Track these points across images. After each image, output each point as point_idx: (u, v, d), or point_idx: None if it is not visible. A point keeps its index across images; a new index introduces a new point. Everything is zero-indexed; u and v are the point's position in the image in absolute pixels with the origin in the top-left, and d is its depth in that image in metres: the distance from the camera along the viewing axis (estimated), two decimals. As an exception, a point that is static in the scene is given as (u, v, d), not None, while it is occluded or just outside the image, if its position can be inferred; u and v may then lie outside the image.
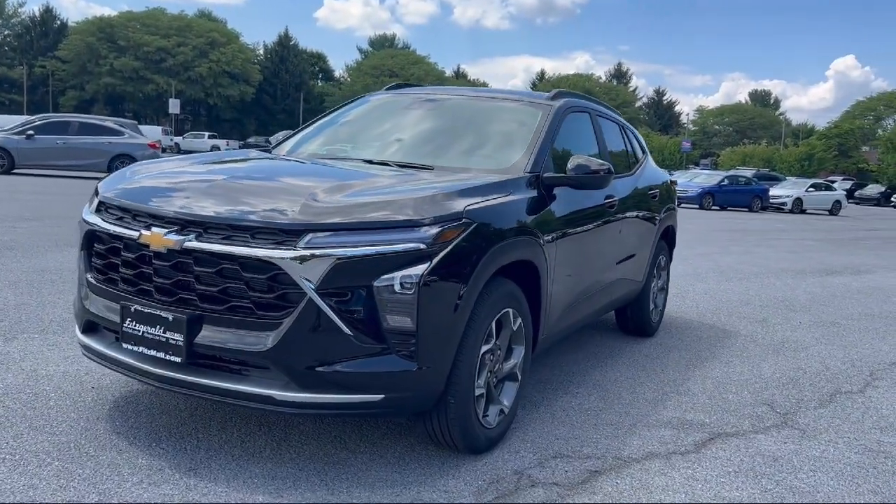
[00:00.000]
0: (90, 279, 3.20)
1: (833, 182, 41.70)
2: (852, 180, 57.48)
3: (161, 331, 2.85)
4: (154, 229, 2.88)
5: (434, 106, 4.58)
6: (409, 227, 2.83)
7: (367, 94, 5.03)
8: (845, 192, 39.97)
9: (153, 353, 2.88)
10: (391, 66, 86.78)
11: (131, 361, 2.96)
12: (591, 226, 4.26)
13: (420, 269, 2.78)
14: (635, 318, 5.69)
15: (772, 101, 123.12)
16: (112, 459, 2.98)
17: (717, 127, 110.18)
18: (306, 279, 2.70)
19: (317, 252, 2.71)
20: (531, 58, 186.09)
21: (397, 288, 2.74)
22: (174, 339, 2.83)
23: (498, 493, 2.95)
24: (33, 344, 4.41)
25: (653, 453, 3.49)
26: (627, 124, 5.84)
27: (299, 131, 4.68)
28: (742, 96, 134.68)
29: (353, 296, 2.75)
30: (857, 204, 47.14)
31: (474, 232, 3.00)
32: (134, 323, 2.92)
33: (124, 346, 2.97)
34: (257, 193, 3.07)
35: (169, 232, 2.85)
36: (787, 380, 4.96)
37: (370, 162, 3.88)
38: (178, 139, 58.22)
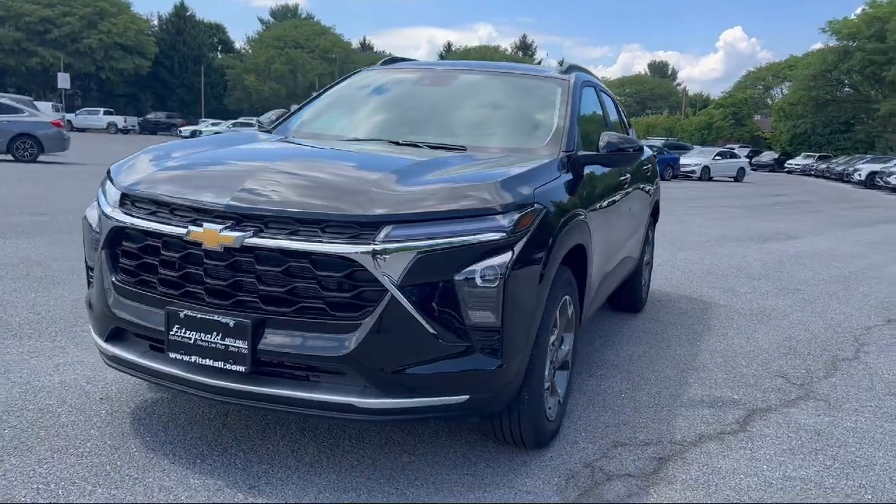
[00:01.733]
0: (117, 282, 2.84)
1: (733, 150, 43.39)
2: (748, 147, 60.14)
3: (219, 338, 2.56)
4: (206, 225, 2.57)
5: (447, 83, 4.34)
6: (490, 215, 2.63)
7: (362, 70, 4.72)
8: (748, 160, 41.83)
9: (209, 362, 2.59)
10: (295, 37, 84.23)
11: (180, 373, 2.66)
12: (614, 204, 4.17)
13: (503, 259, 2.59)
14: (629, 294, 5.67)
15: (669, 73, 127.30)
16: (160, 482, 2.69)
17: (619, 98, 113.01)
18: (387, 275, 2.47)
19: (397, 246, 2.48)
20: (434, 29, 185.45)
21: (479, 281, 2.55)
22: (236, 347, 2.54)
23: (579, 490, 2.83)
24: (11, 352, 3.96)
25: (704, 435, 3.45)
26: (615, 97, 5.77)
27: (300, 110, 4.34)
28: (640, 67, 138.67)
29: (435, 292, 2.53)
30: (754, 170, 49.34)
31: (545, 217, 2.84)
32: (183, 330, 2.61)
33: (171, 356, 2.65)
34: (316, 183, 2.80)
35: (225, 228, 2.55)
36: (785, 349, 5.05)
37: (396, 143, 3.63)
38: (70, 116, 54.81)
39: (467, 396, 2.63)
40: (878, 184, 33.67)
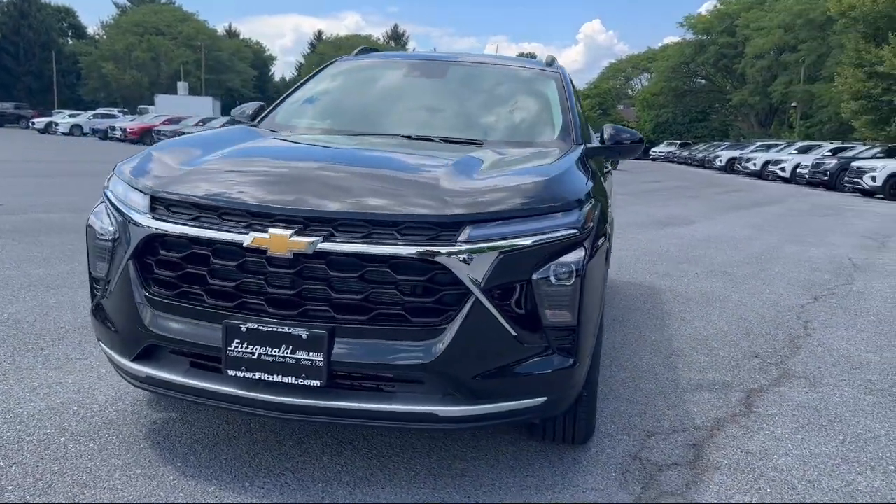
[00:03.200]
0: (152, 296, 2.57)
1: (605, 138, 45.12)
2: (615, 136, 62.87)
3: (288, 351, 2.37)
4: (272, 231, 2.36)
5: (441, 74, 4.22)
6: (563, 212, 2.57)
7: (339, 61, 4.51)
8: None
9: (278, 378, 2.38)
10: (155, 22, 79.90)
11: (238, 392, 2.43)
12: (607, 194, 4.21)
13: (577, 256, 2.54)
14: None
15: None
16: (218, 511, 2.47)
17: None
18: (472, 277, 2.37)
19: (480, 246, 2.38)
20: (300, 17, 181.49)
21: (555, 280, 2.49)
22: (309, 360, 2.36)
23: (640, 484, 2.85)
24: (-31, 376, 3.52)
25: (720, 419, 3.56)
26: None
27: (281, 104, 4.09)
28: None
29: (515, 292, 2.45)
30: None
31: (598, 212, 2.82)
32: (245, 345, 2.39)
33: (230, 373, 2.42)
34: (377, 183, 2.63)
35: (295, 233, 2.35)
36: (744, 330, 5.31)
37: (409, 138, 3.50)
38: None
39: (545, 398, 2.57)
40: (737, 169, 36.19)
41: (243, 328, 2.39)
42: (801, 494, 2.83)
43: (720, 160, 38.86)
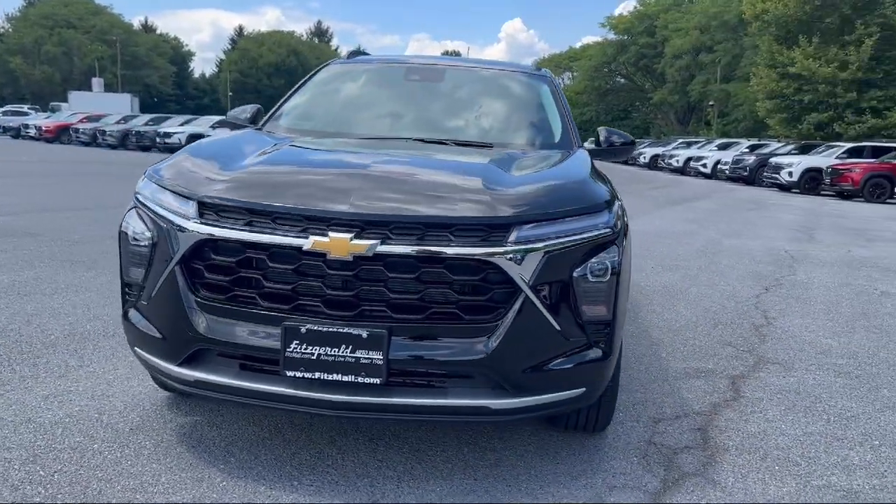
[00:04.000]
0: (203, 300, 2.59)
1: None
2: (542, 133, 64.09)
3: (348, 350, 2.44)
4: (333, 234, 2.43)
5: (440, 78, 4.31)
6: (599, 212, 2.73)
7: (332, 64, 4.55)
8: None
9: (337, 377, 2.45)
10: (66, 15, 76.72)
11: (297, 392, 2.49)
12: None
13: (611, 254, 2.70)
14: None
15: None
16: (276, 509, 2.52)
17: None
18: (522, 276, 2.50)
19: (528, 246, 2.51)
20: (218, 11, 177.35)
21: (591, 277, 2.65)
22: (369, 358, 2.44)
23: (662, 466, 3.03)
24: (-27, 386, 3.43)
25: (714, 403, 3.80)
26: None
27: (280, 108, 4.10)
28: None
29: (558, 290, 2.59)
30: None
31: (622, 211, 2.99)
32: (304, 345, 2.45)
33: (289, 374, 2.48)
34: (424, 185, 2.73)
35: (355, 236, 2.42)
36: (712, 321, 5.61)
37: (422, 141, 3.59)
38: None
39: (584, 389, 2.72)
40: (660, 165, 37.45)
41: (303, 329, 2.45)
42: (805, 470, 3.07)
43: (644, 157, 40.12)
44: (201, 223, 2.57)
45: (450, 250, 2.45)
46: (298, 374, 2.47)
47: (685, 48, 56.85)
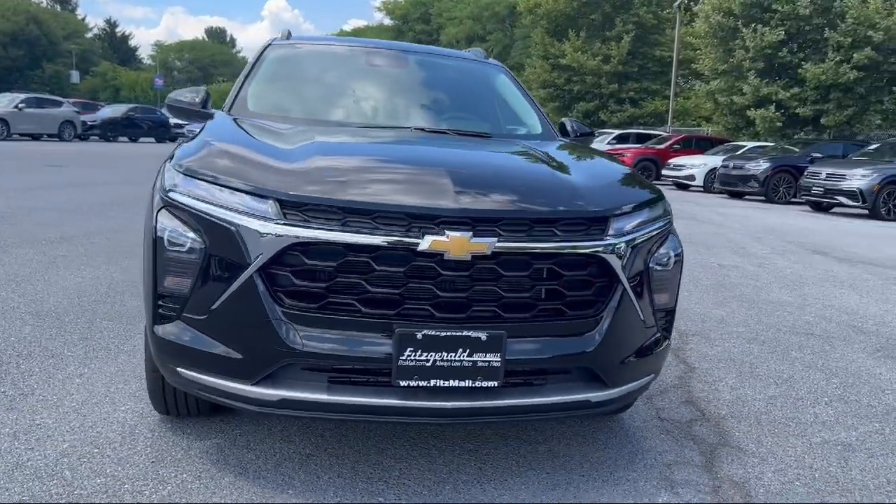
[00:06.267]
0: (292, 310, 2.30)
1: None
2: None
3: (465, 354, 2.31)
4: (450, 233, 2.27)
5: (404, 64, 4.12)
6: (661, 201, 2.84)
7: (274, 43, 4.17)
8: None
9: (454, 383, 2.32)
10: None
11: (408, 402, 2.32)
12: None
13: (674, 242, 2.83)
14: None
15: (228, 39, 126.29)
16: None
17: (178, 63, 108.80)
18: (621, 269, 2.53)
19: (625, 238, 2.55)
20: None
21: (660, 266, 2.75)
22: (486, 361, 2.33)
23: (692, 440, 3.22)
24: None
25: (679, 377, 4.10)
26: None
27: (239, 92, 3.69)
28: (189, 31, 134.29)
29: (641, 280, 2.66)
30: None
31: None
32: (419, 352, 2.28)
33: (402, 383, 2.30)
34: (513, 179, 2.66)
35: (475, 235, 2.29)
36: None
37: (422, 130, 3.45)
38: None
39: (653, 375, 2.83)
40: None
41: (419, 335, 2.28)
42: (796, 430, 3.42)
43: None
44: (287, 225, 2.29)
45: (558, 245, 2.42)
46: (412, 384, 2.31)
47: (460, 36, 59.11)
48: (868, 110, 26.90)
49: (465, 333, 2.31)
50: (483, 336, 2.32)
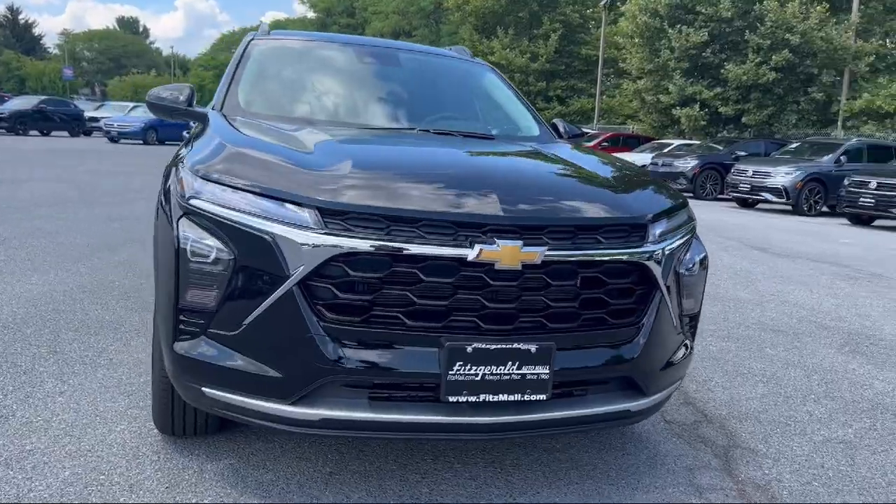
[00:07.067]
0: (334, 325, 2.16)
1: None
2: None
3: (514, 367, 2.23)
4: (502, 242, 2.18)
5: (395, 63, 3.98)
6: (686, 206, 2.83)
7: (255, 38, 3.97)
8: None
9: (503, 397, 2.24)
10: None
11: (454, 419, 2.22)
12: None
13: (699, 247, 2.82)
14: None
15: (141, 30, 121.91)
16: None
17: (87, 53, 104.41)
18: (661, 275, 2.50)
19: (663, 245, 2.52)
20: None
21: (686, 271, 2.74)
22: (535, 374, 2.26)
23: (703, 442, 3.24)
24: None
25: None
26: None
27: (229, 90, 3.48)
28: (94, 20, 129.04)
29: (674, 286, 2.63)
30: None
31: None
32: (469, 366, 2.19)
33: (451, 399, 2.20)
34: (550, 184, 2.59)
35: (526, 244, 2.21)
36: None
37: (428, 132, 3.34)
38: None
39: (679, 381, 2.81)
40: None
41: (469, 349, 2.19)
42: (795, 428, 3.48)
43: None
44: (329, 234, 2.15)
45: (602, 252, 2.36)
46: (462, 399, 2.21)
47: (385, 31, 58.66)
48: (785, 110, 28.07)
49: (514, 346, 2.23)
50: (532, 348, 2.24)
